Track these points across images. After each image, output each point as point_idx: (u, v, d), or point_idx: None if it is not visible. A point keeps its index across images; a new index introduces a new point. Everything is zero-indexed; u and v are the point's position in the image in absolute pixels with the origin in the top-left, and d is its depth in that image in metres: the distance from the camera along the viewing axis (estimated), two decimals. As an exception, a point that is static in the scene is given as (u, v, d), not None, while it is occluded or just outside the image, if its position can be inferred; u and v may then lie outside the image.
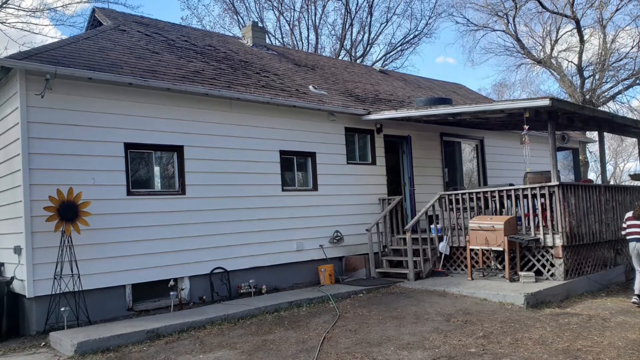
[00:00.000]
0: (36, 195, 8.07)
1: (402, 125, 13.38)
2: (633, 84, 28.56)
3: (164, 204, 9.42)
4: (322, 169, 11.82)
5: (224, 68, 12.09)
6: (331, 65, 17.58)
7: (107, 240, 8.67)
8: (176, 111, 9.71)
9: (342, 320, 7.80)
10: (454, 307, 8.32)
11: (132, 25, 12.83)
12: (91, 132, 8.70)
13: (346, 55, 33.25)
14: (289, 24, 33.30)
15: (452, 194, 11.23)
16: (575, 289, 9.38)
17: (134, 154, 9.32)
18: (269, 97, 10.86)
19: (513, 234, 9.76)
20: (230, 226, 10.18)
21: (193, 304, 9.44)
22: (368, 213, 12.36)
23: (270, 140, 11.01)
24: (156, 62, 10.59)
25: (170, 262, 9.35)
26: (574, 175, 19.79)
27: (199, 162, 9.90)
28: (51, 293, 7.99)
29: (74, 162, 8.47)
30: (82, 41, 10.24)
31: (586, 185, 10.56)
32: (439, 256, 11.22)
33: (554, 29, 29.83)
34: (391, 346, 6.35)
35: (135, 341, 7.10)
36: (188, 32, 14.90)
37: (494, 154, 16.16)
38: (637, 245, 8.78)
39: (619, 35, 31.68)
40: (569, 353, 5.86)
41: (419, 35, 35.03)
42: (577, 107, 11.13)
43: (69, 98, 8.54)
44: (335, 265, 11.45)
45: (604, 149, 12.42)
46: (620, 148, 48.80)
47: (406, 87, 18.47)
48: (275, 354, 6.27)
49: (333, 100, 12.53)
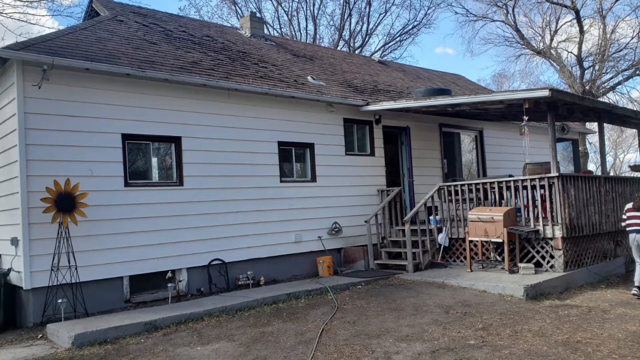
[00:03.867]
0: (33, 186, 8.03)
1: (401, 116, 13.32)
2: (633, 74, 28.48)
3: (161, 195, 9.38)
4: (320, 160, 11.77)
5: (222, 59, 12.01)
6: (330, 56, 17.49)
7: (104, 231, 8.64)
8: (174, 102, 9.66)
9: (340, 312, 7.78)
10: (453, 299, 8.31)
11: (130, 16, 12.74)
12: (89, 123, 8.64)
13: (345, 46, 33.11)
14: (287, 15, 33.16)
15: (451, 185, 11.19)
16: (575, 281, 9.36)
17: (131, 145, 9.27)
18: (267, 87, 10.79)
19: (512, 225, 9.73)
20: (228, 217, 10.15)
21: (191, 296, 9.42)
22: (367, 204, 12.32)
23: (269, 131, 10.96)
24: (154, 52, 10.52)
25: (168, 254, 9.32)
26: (574, 167, 19.76)
27: (197, 153, 9.85)
28: (48, 285, 7.96)
29: (71, 153, 8.43)
30: (79, 32, 10.16)
31: (586, 176, 10.53)
32: (438, 248, 11.20)
33: (553, 20, 29.82)
34: (390, 338, 6.33)
35: (132, 333, 7.08)
36: (186, 22, 14.83)
37: (494, 145, 16.11)
38: (637, 236, 8.76)
39: (618, 25, 31.75)
40: (568, 345, 5.84)
41: (417, 25, 34.95)
42: (577, 97, 11.08)
43: (66, 89, 8.48)
44: (333, 256, 11.43)
45: (603, 140, 12.38)
46: (620, 139, 48.78)
47: (405, 77, 18.39)
48: (273, 346, 6.25)
49: (331, 91, 12.46)
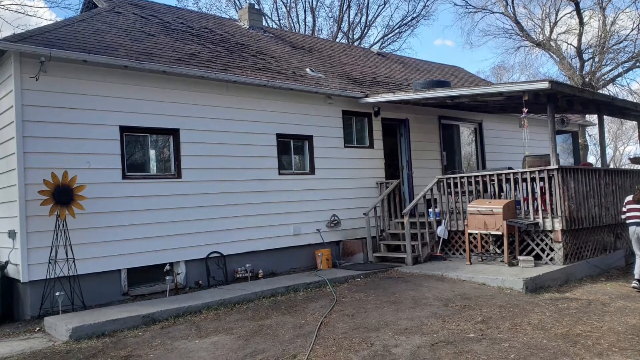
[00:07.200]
0: (31, 178, 7.99)
1: (400, 108, 13.26)
2: (633, 66, 28.38)
3: (159, 187, 9.34)
4: (319, 153, 11.72)
5: (220, 50, 11.94)
6: (328, 48, 17.40)
7: (102, 224, 8.60)
8: (172, 94, 9.60)
9: (339, 305, 7.76)
10: (452, 291, 8.29)
11: (128, 8, 12.64)
12: (86, 115, 8.59)
13: (343, 38, 32.98)
14: (285, 6, 33.04)
15: (451, 177, 11.15)
16: (575, 274, 9.35)
17: (129, 137, 9.22)
18: (265, 79, 10.73)
19: (512, 218, 9.70)
20: (226, 210, 10.11)
21: (189, 289, 9.40)
22: (366, 197, 12.29)
23: (267, 124, 10.90)
24: (152, 44, 10.44)
25: (166, 247, 9.29)
26: (574, 159, 19.74)
27: (195, 146, 9.80)
28: (46, 278, 7.92)
29: (69, 146, 8.38)
30: (77, 23, 10.08)
31: (586, 168, 10.49)
32: (437, 240, 11.17)
33: (553, 11, 29.59)
34: (389, 331, 6.31)
35: (130, 326, 7.06)
36: (184, 14, 14.74)
37: (493, 137, 16.06)
38: (637, 229, 8.74)
39: (618, 17, 31.48)
40: (568, 338, 5.82)
41: (417, 17, 34.84)
42: (577, 89, 11.03)
43: (63, 81, 8.43)
44: (332, 249, 11.41)
45: (603, 132, 12.35)
46: (620, 131, 48.72)
47: (404, 69, 18.31)
48: (272, 339, 6.23)
49: (330, 83, 12.39)
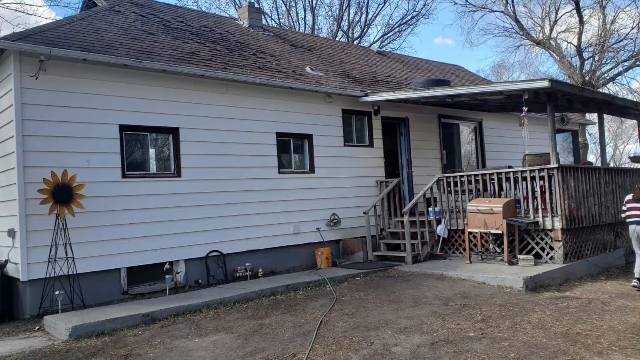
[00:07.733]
0: (30, 177, 7.98)
1: (400, 107, 13.25)
2: (633, 65, 28.34)
3: (159, 186, 9.33)
4: (319, 151, 11.71)
5: (220, 49, 11.92)
6: (328, 47, 17.38)
7: (102, 223, 8.59)
8: (172, 93, 9.59)
9: (339, 304, 7.75)
10: (452, 290, 8.28)
11: (127, 6, 12.63)
12: (86, 114, 8.58)
13: (343, 37, 32.96)
14: (285, 5, 33.03)
15: (451, 176, 11.15)
16: (575, 273, 9.34)
17: (129, 136, 9.21)
18: (265, 78, 10.72)
19: (512, 216, 9.69)
20: (226, 209, 10.11)
21: (189, 288, 9.39)
22: (365, 196, 12.28)
23: (267, 122, 10.89)
24: (151, 43, 10.43)
25: (166, 245, 9.29)
26: (574, 158, 19.74)
27: (195, 144, 9.79)
28: (45, 276, 7.92)
29: (68, 144, 8.37)
30: (76, 22, 10.06)
31: (586, 167, 10.49)
32: (437, 239, 11.16)
33: (553, 10, 29.52)
34: (389, 330, 6.30)
35: (130, 325, 7.05)
36: (184, 13, 14.72)
37: (493, 136, 16.05)
38: (637, 228, 8.73)
39: (618, 16, 31.42)
40: (568, 337, 5.82)
41: (416, 16, 34.86)
42: (577, 88, 11.01)
43: (63, 80, 8.42)
44: (332, 248, 11.40)
45: (603, 131, 12.34)
46: (620, 130, 48.76)
47: (404, 68, 18.29)
48: (271, 338, 6.22)
49: (330, 82, 12.38)
